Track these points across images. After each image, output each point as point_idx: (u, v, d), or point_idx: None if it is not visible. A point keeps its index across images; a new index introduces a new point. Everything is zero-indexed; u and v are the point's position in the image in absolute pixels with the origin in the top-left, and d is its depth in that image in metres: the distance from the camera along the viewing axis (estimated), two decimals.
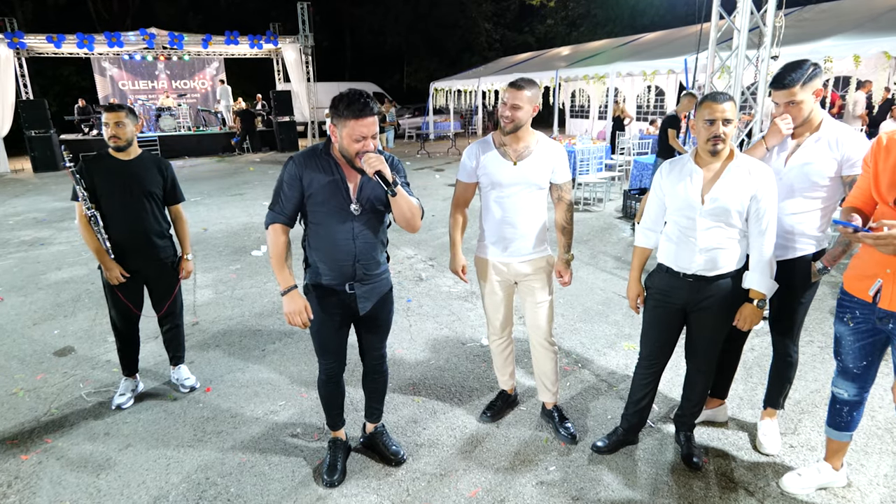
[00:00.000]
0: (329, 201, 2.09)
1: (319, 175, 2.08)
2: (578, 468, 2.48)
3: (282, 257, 2.11)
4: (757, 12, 4.04)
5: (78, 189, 2.74)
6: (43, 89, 19.85)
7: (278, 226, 2.12)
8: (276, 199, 2.12)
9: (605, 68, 11.97)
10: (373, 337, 2.41)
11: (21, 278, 5.38)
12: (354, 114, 1.93)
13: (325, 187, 2.08)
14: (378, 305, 2.30)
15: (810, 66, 2.16)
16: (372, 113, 1.95)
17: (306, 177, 2.07)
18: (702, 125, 2.08)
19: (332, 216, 2.10)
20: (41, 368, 3.53)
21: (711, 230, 2.13)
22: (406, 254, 5.96)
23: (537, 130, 2.51)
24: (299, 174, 2.07)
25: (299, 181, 2.08)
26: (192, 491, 2.39)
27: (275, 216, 2.12)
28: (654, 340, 2.41)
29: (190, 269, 3.12)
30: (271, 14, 20.34)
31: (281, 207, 2.11)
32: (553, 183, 2.52)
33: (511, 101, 2.35)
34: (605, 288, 4.76)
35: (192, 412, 2.99)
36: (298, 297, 2.11)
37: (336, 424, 2.53)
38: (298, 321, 2.08)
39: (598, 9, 26.07)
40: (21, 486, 2.44)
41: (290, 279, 2.10)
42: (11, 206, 9.30)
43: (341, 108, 1.95)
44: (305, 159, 2.10)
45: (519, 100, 2.35)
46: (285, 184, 2.09)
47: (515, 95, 2.35)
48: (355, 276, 2.19)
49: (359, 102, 1.93)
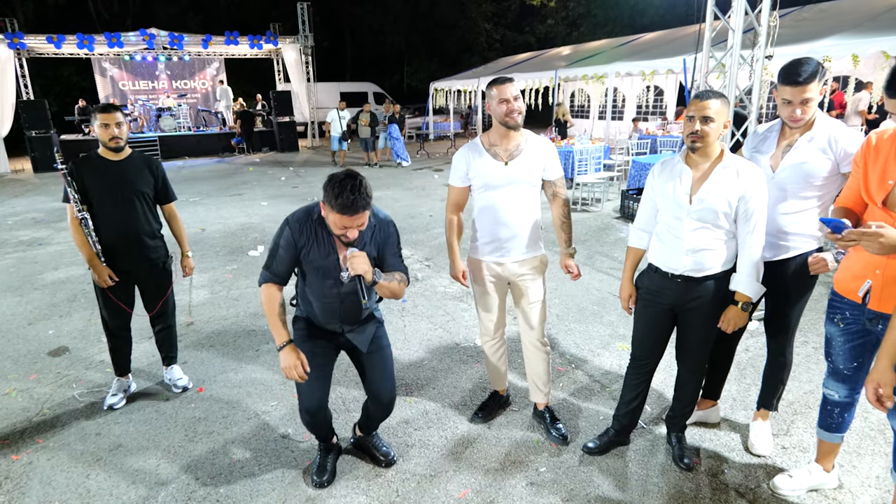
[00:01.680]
0: (320, 268, 2.17)
1: (313, 243, 2.15)
2: (569, 469, 2.48)
3: (275, 314, 2.15)
4: (752, 12, 4.03)
5: (69, 191, 2.74)
6: (43, 90, 19.88)
7: (272, 285, 2.19)
8: (271, 261, 2.18)
9: (605, 68, 11.95)
10: (374, 365, 2.33)
11: (18, 278, 5.39)
12: (340, 209, 1.90)
13: (318, 255, 2.15)
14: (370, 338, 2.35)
15: (817, 63, 2.12)
16: (357, 211, 1.92)
17: (301, 243, 2.14)
18: (685, 121, 2.08)
19: (323, 280, 2.18)
20: (35, 369, 3.53)
21: (698, 231, 2.12)
22: (402, 254, 5.95)
23: (528, 129, 2.51)
24: (295, 240, 2.14)
25: (294, 247, 2.14)
26: (182, 491, 2.38)
27: (269, 276, 2.19)
28: (644, 341, 2.40)
29: (192, 265, 3.14)
30: (271, 14, 20.37)
31: (276, 269, 2.18)
32: (546, 180, 2.51)
33: (512, 95, 2.35)
34: (600, 288, 4.75)
35: (183, 412, 2.99)
36: (294, 351, 2.12)
37: (327, 441, 2.51)
38: (295, 375, 2.09)
39: (598, 9, 26.07)
40: (11, 487, 2.44)
41: (286, 334, 2.13)
42: (10, 206, 9.31)
43: (330, 196, 1.91)
44: (301, 226, 2.13)
45: (516, 91, 2.38)
46: (281, 248, 2.15)
47: (511, 88, 2.36)
48: (343, 326, 2.29)
49: (348, 199, 1.87)
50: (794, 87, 2.11)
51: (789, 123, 2.23)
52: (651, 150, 10.26)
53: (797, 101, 2.13)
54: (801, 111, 2.15)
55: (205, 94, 18.77)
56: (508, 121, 2.38)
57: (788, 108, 2.17)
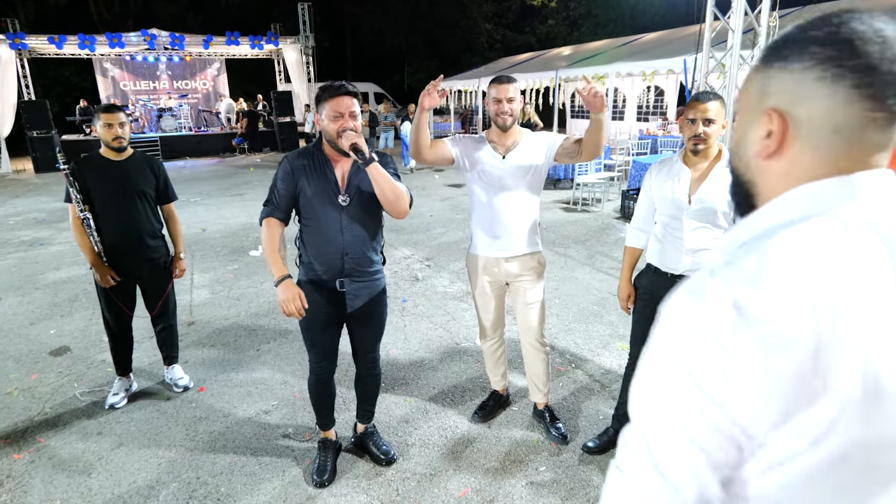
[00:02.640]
0: (318, 193, 2.16)
1: (310, 168, 2.17)
2: (569, 469, 2.49)
3: (275, 249, 2.17)
4: (751, 13, 4.04)
5: (71, 191, 2.75)
6: (44, 90, 19.90)
7: (272, 219, 2.20)
8: (271, 196, 2.22)
9: (605, 68, 11.95)
10: (365, 337, 2.42)
11: (19, 278, 5.40)
12: (331, 93, 2.06)
13: (315, 179, 2.16)
14: (369, 305, 2.31)
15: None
16: (347, 91, 2.06)
17: (297, 171, 2.17)
18: (686, 124, 2.09)
19: (321, 208, 2.16)
20: (36, 368, 3.54)
21: (698, 231, 2.13)
22: (403, 254, 5.97)
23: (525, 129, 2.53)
24: (292, 169, 2.17)
25: (292, 176, 2.17)
26: (183, 490, 2.39)
27: (269, 210, 2.21)
28: (642, 340, 2.41)
29: (183, 267, 3.13)
30: (272, 14, 20.38)
31: (276, 202, 2.20)
32: (559, 148, 2.44)
33: (505, 95, 2.38)
34: (600, 288, 4.76)
35: (184, 412, 3.00)
36: (292, 285, 2.12)
37: (326, 425, 2.54)
38: (293, 308, 2.08)
39: (598, 9, 26.07)
40: (13, 485, 2.45)
41: (284, 269, 2.14)
42: (12, 206, 9.33)
43: (320, 93, 2.10)
44: (297, 156, 2.21)
45: (512, 92, 2.39)
46: (279, 180, 2.19)
47: (507, 89, 2.38)
48: (344, 270, 2.22)
49: (334, 85, 2.07)
50: None
51: None
52: (651, 150, 10.27)
53: None
54: None
55: (205, 94, 18.79)
56: (497, 120, 2.43)
57: None
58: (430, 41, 28.55)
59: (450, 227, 7.18)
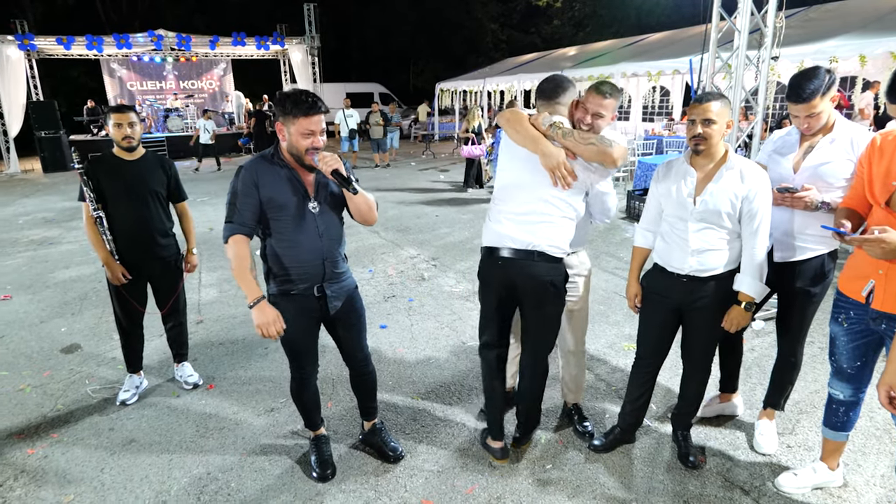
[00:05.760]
0: (288, 204, 2.08)
1: (274, 179, 2.07)
2: (575, 466, 2.50)
3: (246, 268, 2.02)
4: (758, 13, 4.05)
5: (85, 190, 2.79)
6: (53, 90, 20.01)
7: (238, 237, 2.04)
8: (233, 211, 2.06)
9: (611, 69, 11.93)
10: (350, 337, 2.41)
11: (30, 277, 5.46)
12: (303, 111, 1.97)
13: (282, 191, 2.08)
14: (347, 303, 2.33)
15: (825, 75, 2.09)
16: (319, 111, 2.00)
17: (261, 182, 2.05)
18: (687, 124, 2.11)
19: (297, 218, 2.10)
20: (48, 365, 3.58)
21: (703, 231, 2.14)
22: (409, 254, 5.99)
23: None
24: (254, 180, 2.05)
25: (255, 188, 2.05)
26: (194, 486, 2.43)
27: (234, 227, 2.05)
28: (649, 340, 2.43)
29: (195, 262, 3.18)
30: (277, 15, 20.43)
31: (240, 217, 2.05)
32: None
33: (594, 109, 2.19)
34: (606, 288, 4.77)
35: (194, 409, 3.04)
36: (268, 307, 2.03)
37: (316, 424, 2.56)
38: (272, 332, 2.00)
39: (604, 9, 26.03)
40: (27, 480, 2.49)
41: (258, 290, 2.02)
42: (21, 205, 9.42)
43: (289, 105, 1.98)
44: (257, 165, 2.08)
45: (603, 108, 2.19)
46: (240, 193, 2.05)
47: (600, 103, 2.19)
48: (325, 275, 2.20)
49: (306, 101, 1.97)
50: (797, 105, 2.14)
51: (803, 132, 2.26)
52: (657, 150, 10.26)
53: (803, 115, 2.17)
54: (807, 125, 2.19)
55: (212, 94, 18.88)
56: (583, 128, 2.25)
57: (797, 121, 2.21)
58: (435, 41, 28.57)
59: (455, 226, 7.20)
